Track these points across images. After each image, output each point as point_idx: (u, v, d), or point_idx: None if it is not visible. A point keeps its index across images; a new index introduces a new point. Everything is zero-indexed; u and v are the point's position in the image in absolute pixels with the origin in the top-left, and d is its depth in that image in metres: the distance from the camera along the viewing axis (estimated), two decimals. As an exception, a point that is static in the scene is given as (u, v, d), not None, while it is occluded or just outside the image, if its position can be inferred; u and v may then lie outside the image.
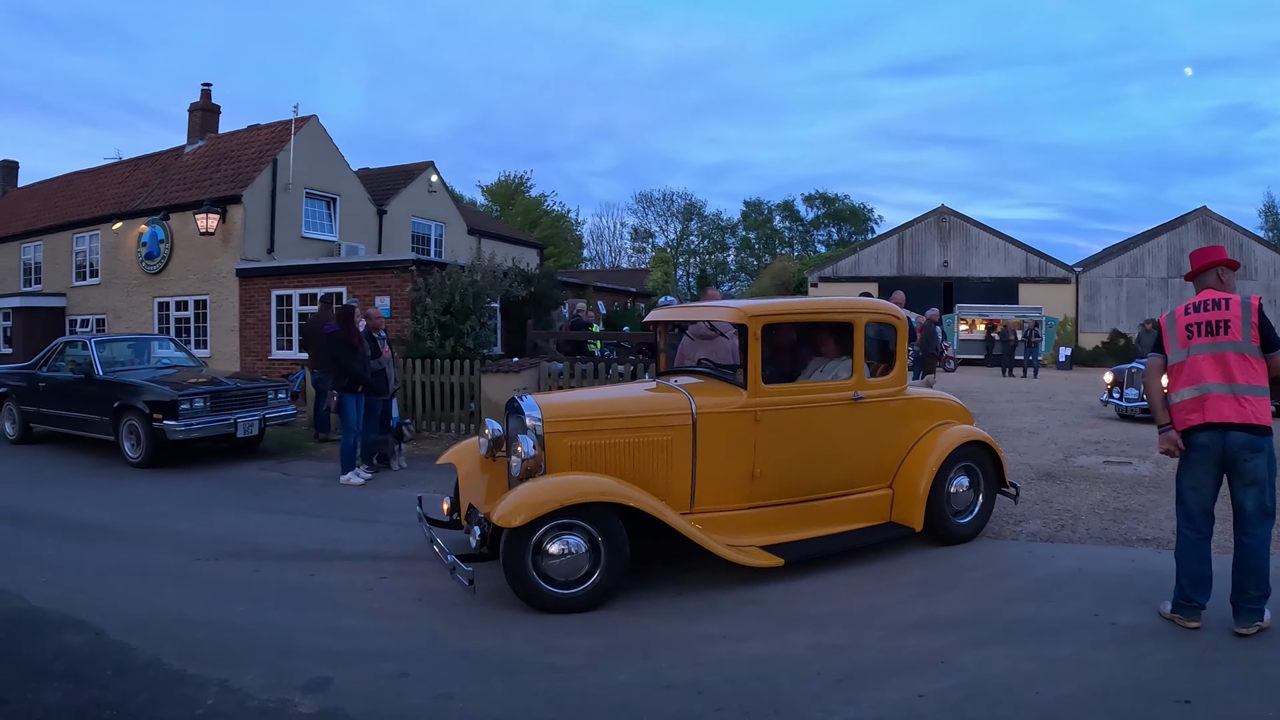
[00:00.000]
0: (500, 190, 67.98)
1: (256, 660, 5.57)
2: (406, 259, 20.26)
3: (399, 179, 31.16)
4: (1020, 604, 6.63)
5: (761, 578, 7.25)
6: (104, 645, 5.89)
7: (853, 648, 5.69)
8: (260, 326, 22.90)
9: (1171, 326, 6.25)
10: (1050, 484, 11.33)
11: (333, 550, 8.43)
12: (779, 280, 63.36)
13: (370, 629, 6.22)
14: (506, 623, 6.27)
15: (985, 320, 41.78)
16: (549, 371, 14.88)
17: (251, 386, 14.18)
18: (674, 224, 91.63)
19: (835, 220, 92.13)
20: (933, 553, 8.11)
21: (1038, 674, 5.25)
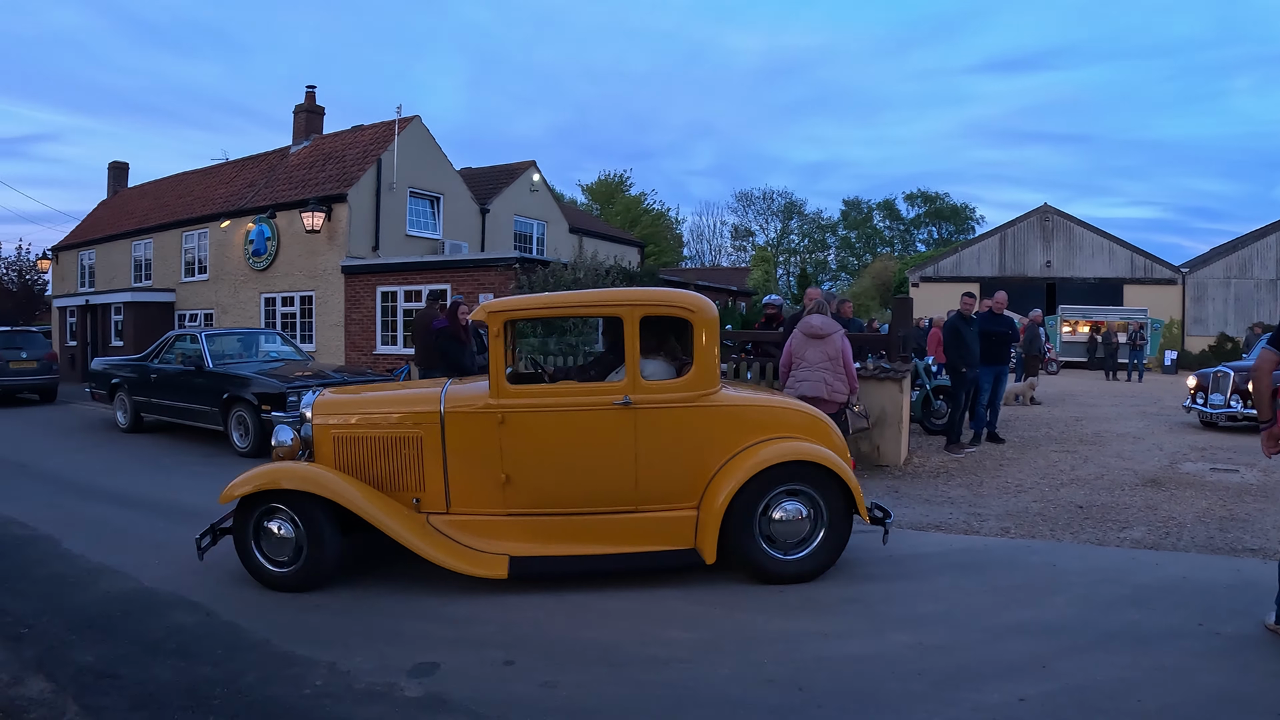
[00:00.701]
0: (600, 189, 68.38)
1: (364, 644, 5.74)
2: (510, 257, 20.55)
3: (501, 178, 31.52)
4: (1124, 611, 6.54)
5: (864, 578, 7.30)
6: (214, 625, 6.14)
7: (954, 649, 5.67)
8: (365, 322, 23.35)
9: None
10: (1155, 490, 11.14)
11: None
12: (880, 280, 62.99)
13: (475, 617, 6.36)
14: (610, 615, 6.37)
15: (1089, 322, 41.04)
16: (649, 369, 14.89)
17: (357, 380, 14.44)
18: (774, 223, 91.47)
19: (936, 219, 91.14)
20: (1037, 558, 8.05)
21: (1140, 682, 5.18)
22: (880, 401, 12.60)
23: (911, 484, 11.54)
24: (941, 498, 10.73)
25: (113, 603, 6.75)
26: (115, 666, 5.42)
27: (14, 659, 5.60)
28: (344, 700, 4.94)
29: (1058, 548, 8.47)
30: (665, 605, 6.58)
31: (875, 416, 12.46)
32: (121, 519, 9.71)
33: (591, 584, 6.99)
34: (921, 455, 13.61)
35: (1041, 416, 19.37)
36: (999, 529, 9.19)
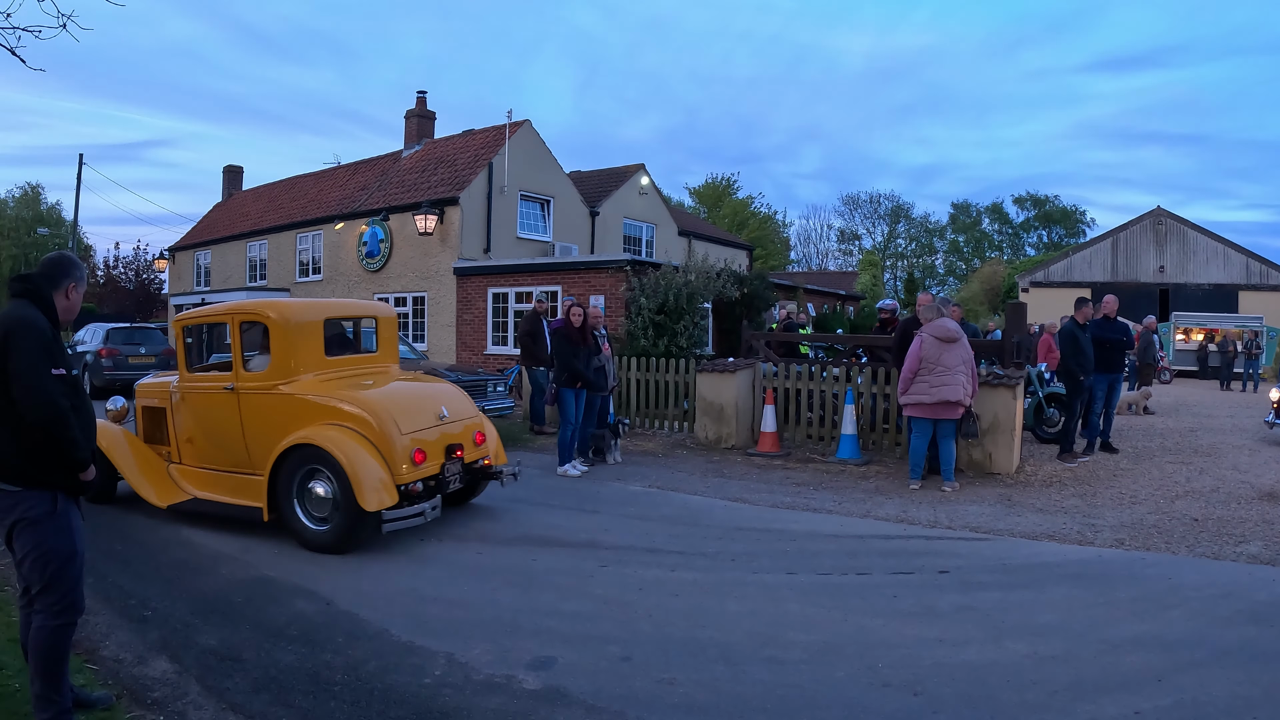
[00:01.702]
0: (707, 192, 68.55)
1: (482, 637, 5.93)
2: (621, 259, 20.70)
3: (610, 181, 31.79)
4: (1242, 627, 6.46)
5: (980, 586, 7.33)
6: (334, 614, 6.39)
7: (1070, 659, 5.66)
8: (476, 323, 23.72)
9: None
10: (1273, 505, 10.89)
11: (553, 537, 8.84)
12: (989, 285, 62.17)
13: (593, 613, 6.51)
14: (729, 616, 6.46)
15: (1203, 330, 39.99)
16: (764, 372, 14.98)
17: (471, 379, 14.73)
18: (881, 226, 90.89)
19: (1045, 223, 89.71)
20: (1154, 570, 7.98)
21: (1257, 699, 5.12)
22: (993, 408, 12.51)
23: (1024, 493, 11.45)
24: (1055, 507, 10.64)
25: (234, 589, 7.07)
26: (238, 650, 5.70)
27: (138, 640, 5.92)
28: (464, 690, 5.11)
29: (1173, 561, 8.37)
30: (784, 608, 6.66)
31: (988, 423, 12.43)
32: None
33: (709, 587, 7.13)
34: (1034, 464, 13.46)
35: (1155, 426, 19.01)
36: (1114, 540, 9.10)
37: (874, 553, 8.39)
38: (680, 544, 8.58)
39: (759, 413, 14.68)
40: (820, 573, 7.58)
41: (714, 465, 13.19)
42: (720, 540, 8.79)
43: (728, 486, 11.61)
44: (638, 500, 10.80)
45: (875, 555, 8.28)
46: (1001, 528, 9.52)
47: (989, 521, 9.80)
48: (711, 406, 14.90)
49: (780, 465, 13.24)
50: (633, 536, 8.88)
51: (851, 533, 9.22)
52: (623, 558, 8.07)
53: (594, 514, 9.97)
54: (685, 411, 15.99)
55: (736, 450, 14.45)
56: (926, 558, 8.14)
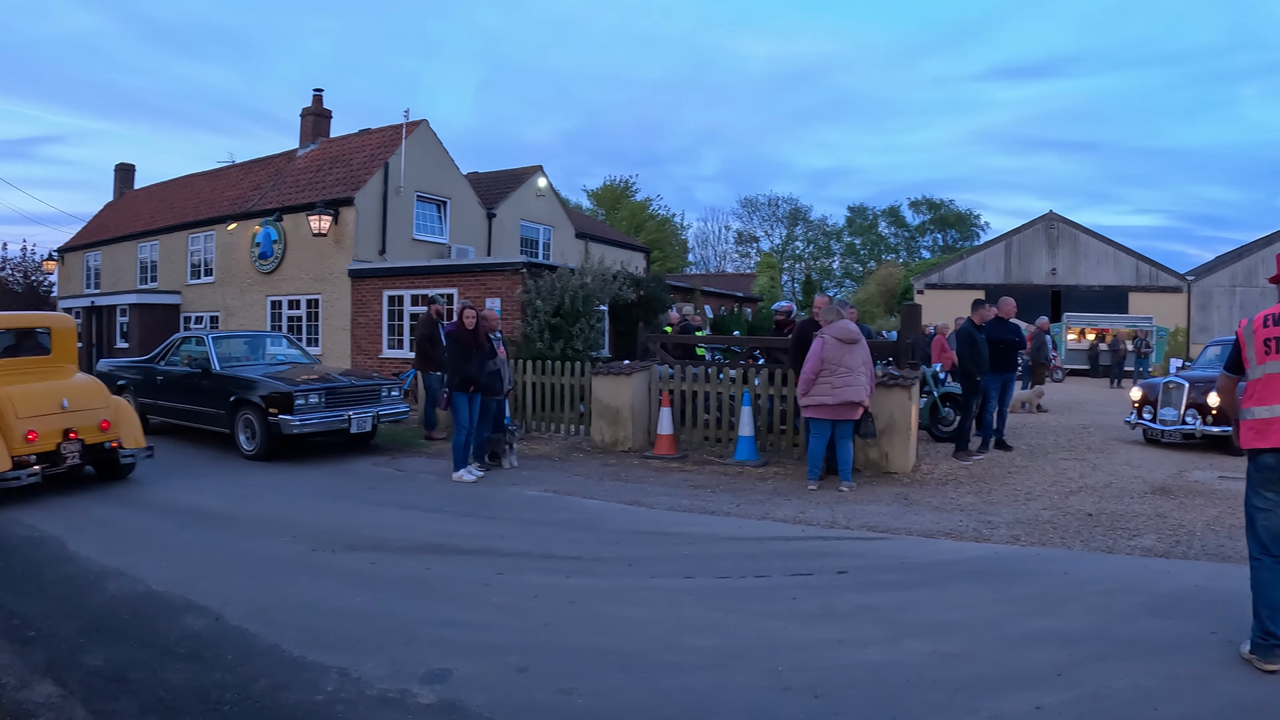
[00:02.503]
0: (606, 194, 68.50)
1: (376, 650, 5.71)
2: (517, 261, 20.58)
3: (508, 183, 31.57)
4: (1140, 619, 6.51)
5: (880, 585, 7.30)
6: (225, 630, 6.12)
7: (972, 657, 5.63)
8: (371, 326, 23.39)
9: (1250, 340, 5.75)
10: (1164, 498, 11.12)
11: (449, 544, 8.62)
12: (885, 287, 63.06)
13: (489, 622, 6.32)
14: (628, 622, 6.34)
15: (1094, 330, 41.01)
16: (660, 374, 14.89)
17: (365, 384, 14.45)
18: (779, 229, 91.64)
19: (941, 226, 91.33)
20: (1051, 566, 8.04)
21: (1158, 691, 5.15)
22: (889, 408, 12.56)
23: (921, 491, 11.51)
24: (952, 505, 10.69)
25: (121, 606, 6.74)
26: (125, 671, 5.41)
27: (21, 662, 5.59)
28: (357, 706, 4.90)
29: (1070, 556, 8.44)
30: (683, 613, 6.54)
31: (885, 424, 12.46)
32: (128, 521, 9.76)
33: (607, 593, 7.02)
34: (930, 462, 13.58)
35: (1048, 424, 19.35)
36: (1010, 537, 9.16)
37: (773, 554, 8.32)
38: (578, 549, 8.43)
39: (655, 415, 14.60)
40: (719, 576, 7.47)
41: (611, 469, 13.05)
42: (618, 545, 8.66)
43: (625, 490, 11.48)
44: (534, 505, 10.62)
45: (774, 557, 8.21)
46: (899, 527, 9.53)
47: (887, 521, 9.80)
48: (608, 409, 14.79)
49: (677, 468, 13.13)
50: (529, 542, 8.70)
51: (750, 535, 9.15)
52: (520, 564, 7.89)
53: (490, 520, 9.77)
54: (581, 414, 15.87)
55: (633, 453, 14.33)
56: (826, 558, 8.08)
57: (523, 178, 32.05)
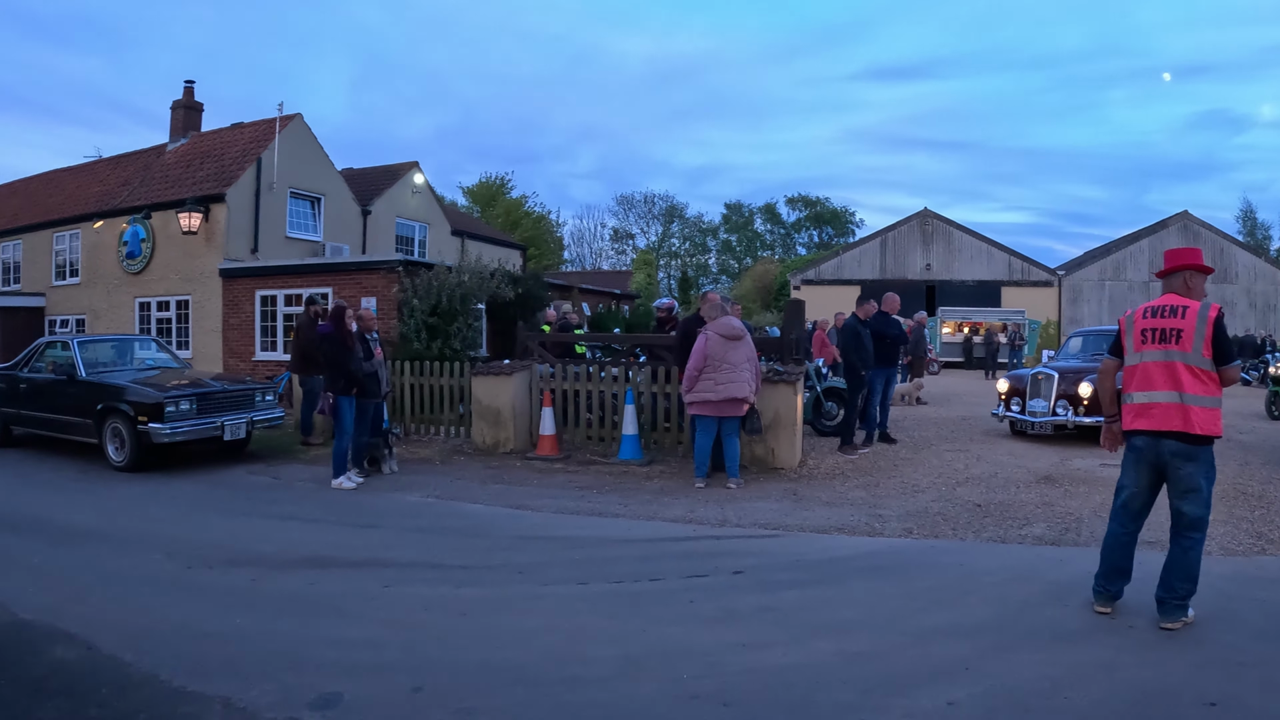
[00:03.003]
0: (481, 191, 67.82)
1: (261, 675, 5.31)
2: (393, 259, 20.18)
3: (383, 179, 31.02)
4: (1040, 609, 6.55)
5: (778, 585, 7.19)
6: (98, 661, 5.62)
7: (878, 655, 5.56)
8: (244, 327, 22.73)
9: (1130, 329, 6.36)
10: (1050, 487, 11.30)
11: (332, 557, 8.23)
12: (761, 283, 63.60)
13: (379, 639, 5.98)
14: (524, 633, 6.07)
15: (968, 323, 41.92)
16: (541, 374, 14.65)
17: (238, 388, 13.96)
18: (655, 226, 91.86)
19: (817, 223, 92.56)
20: (946, 558, 8.07)
21: (1065, 679, 5.17)
22: (774, 404, 12.52)
23: (809, 486, 11.49)
24: (841, 500, 10.69)
25: (-15, 639, 6.27)
26: (-9, 714, 5.00)
27: None
28: (245, 739, 4.60)
29: (963, 547, 8.50)
30: (579, 621, 6.32)
31: (770, 419, 12.39)
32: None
33: (500, 603, 6.76)
34: (816, 457, 13.58)
35: (929, 416, 19.60)
36: (902, 530, 9.18)
37: (666, 556, 8.17)
38: (466, 557, 8.17)
39: (537, 415, 14.35)
40: (613, 581, 7.30)
41: (494, 471, 12.76)
42: (507, 551, 8.40)
43: (510, 493, 11.22)
44: (418, 512, 10.30)
45: (668, 559, 8.06)
46: (791, 523, 9.47)
47: (778, 517, 9.73)
48: (488, 410, 14.48)
49: (561, 469, 12.92)
50: (416, 552, 8.40)
51: (641, 536, 8.98)
52: (407, 576, 7.58)
53: (373, 529, 9.44)
54: (462, 416, 15.55)
55: (516, 454, 14.03)
56: (720, 558, 7.95)
57: (398, 174, 31.50)
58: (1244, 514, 9.83)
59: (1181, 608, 6.03)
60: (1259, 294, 45.56)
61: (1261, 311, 44.69)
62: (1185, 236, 44.71)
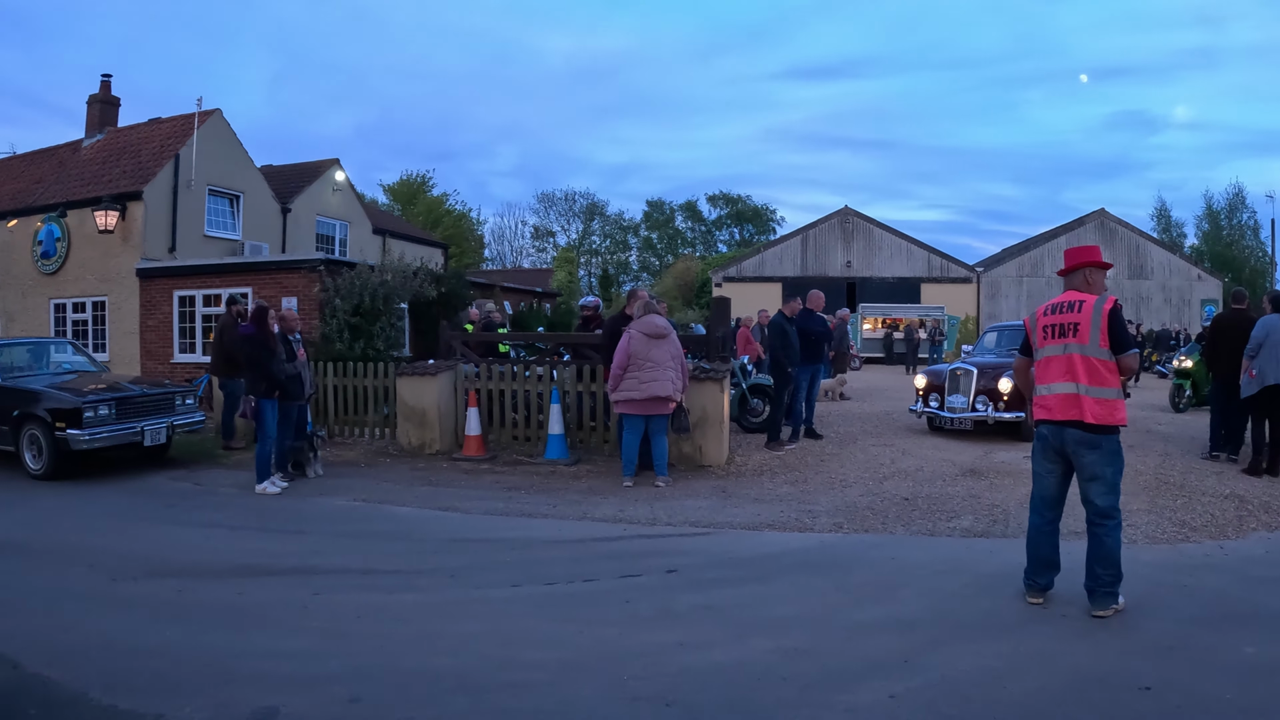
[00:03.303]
0: (402, 189, 67.29)
1: (194, 690, 5.11)
2: (314, 259, 19.93)
3: (303, 177, 30.54)
4: (974, 600, 6.65)
5: (713, 583, 7.19)
6: (24, 680, 5.37)
7: (817, 651, 5.57)
8: (162, 329, 22.27)
9: (1034, 327, 6.66)
10: (975, 480, 11.47)
11: (261, 565, 8.03)
12: (682, 280, 63.66)
13: (314, 650, 5.81)
14: (463, 639, 5.96)
15: (888, 319, 42.47)
16: (466, 373, 14.53)
17: (158, 392, 13.66)
18: (576, 224, 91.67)
19: (738, 221, 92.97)
20: (877, 552, 8.15)
21: (1004, 669, 5.25)
22: (701, 402, 12.56)
23: (738, 483, 11.54)
24: (770, 496, 10.74)
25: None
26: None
27: None
28: (179, 757, 4.47)
29: (893, 541, 8.60)
30: (517, 625, 6.24)
31: (697, 417, 12.41)
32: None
33: (435, 609, 6.67)
34: (743, 454, 13.61)
35: (853, 411, 19.77)
36: (832, 525, 9.25)
37: (598, 556, 8.15)
38: (397, 562, 8.05)
39: (462, 416, 14.23)
40: (547, 583, 7.23)
41: (420, 473, 12.63)
42: (438, 555, 8.32)
43: (438, 495, 11.10)
44: (346, 516, 10.14)
45: (600, 559, 8.04)
46: (721, 520, 9.49)
47: (708, 515, 9.75)
48: (414, 411, 14.33)
49: (488, 469, 12.83)
50: (346, 558, 8.23)
51: (572, 537, 8.94)
52: (338, 583, 7.43)
53: (301, 535, 9.25)
54: (386, 417, 15.37)
55: (442, 455, 13.91)
56: (652, 558, 7.94)
57: (319, 171, 31.04)
58: (1167, 503, 10.09)
59: (1111, 595, 6.20)
60: (1174, 289, 47.05)
61: (1176, 306, 46.16)
62: (1102, 234, 46.11)
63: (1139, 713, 4.73)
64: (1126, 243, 47.39)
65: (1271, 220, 68.70)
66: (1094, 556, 6.26)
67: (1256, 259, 63.44)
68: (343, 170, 31.80)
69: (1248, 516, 9.59)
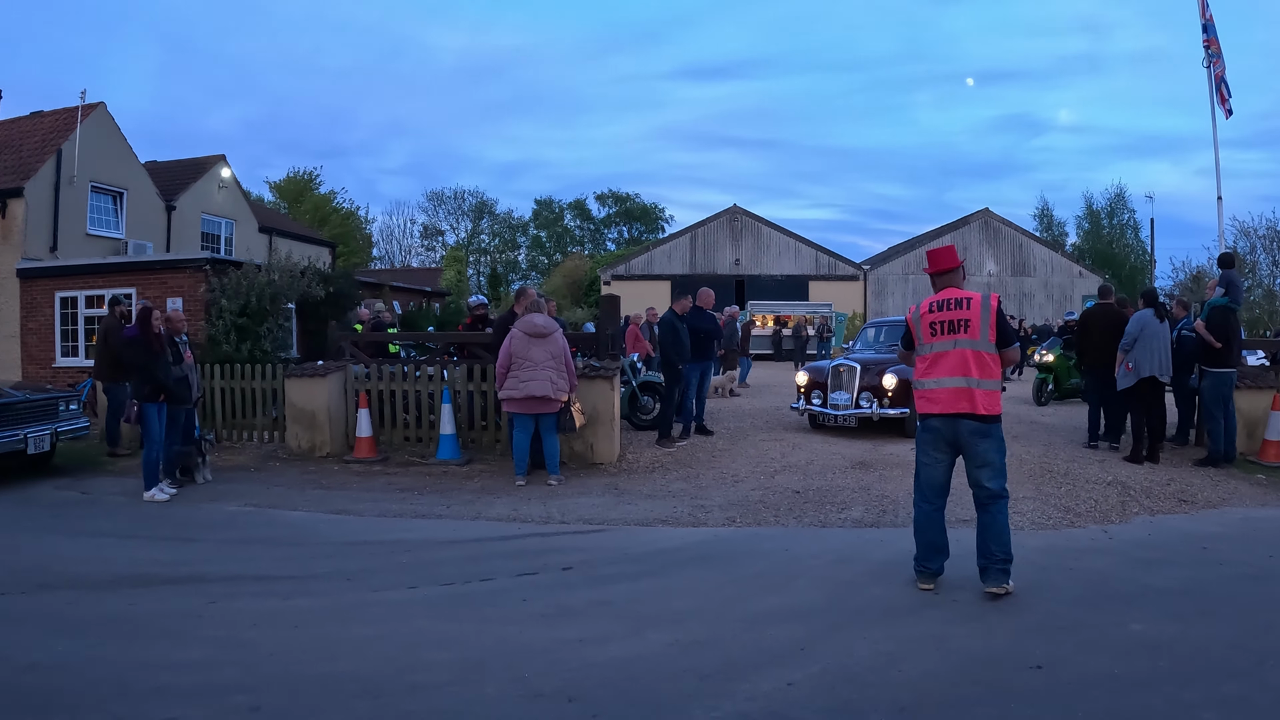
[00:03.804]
0: (289, 187, 66.31)
1: (91, 707, 4.94)
2: (200, 258, 19.59)
3: (188, 173, 29.92)
4: (866, 588, 6.83)
5: (608, 579, 7.25)
6: None
7: (714, 642, 5.65)
8: (43, 332, 21.67)
9: (918, 323, 6.84)
10: (864, 472, 11.72)
11: (153, 574, 7.80)
12: (571, 279, 63.61)
13: (211, 660, 5.63)
14: (361, 642, 5.86)
15: (775, 316, 43.03)
16: (356, 374, 14.37)
17: (41, 398, 13.28)
18: (465, 222, 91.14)
19: (627, 219, 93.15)
20: (770, 544, 8.28)
21: (898, 653, 5.40)
22: (592, 400, 12.62)
23: (630, 480, 11.62)
24: (663, 492, 10.84)
25: None
26: None
27: None
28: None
29: (786, 533, 8.76)
30: (415, 626, 6.18)
31: (588, 414, 12.44)
32: None
33: (332, 613, 6.54)
34: (634, 451, 13.69)
35: (743, 407, 19.96)
36: (725, 519, 9.38)
37: (495, 555, 8.13)
38: (291, 567, 7.94)
39: (353, 418, 14.07)
40: (444, 583, 7.21)
41: (311, 476, 12.45)
42: (332, 559, 8.20)
43: (330, 498, 10.98)
44: (237, 522, 9.94)
45: (496, 558, 8.01)
46: (615, 517, 9.57)
47: (601, 512, 9.82)
48: (303, 413, 14.12)
49: (380, 471, 12.74)
50: (239, 564, 8.06)
51: (467, 537, 8.91)
52: (233, 590, 7.24)
53: (193, 542, 9.01)
54: (275, 420, 15.15)
55: (333, 458, 13.74)
56: (548, 555, 7.97)
57: (205, 167, 30.41)
58: (1052, 490, 10.51)
59: (1004, 573, 6.48)
60: (1055, 286, 48.65)
61: (1058, 302, 47.67)
62: (986, 232, 48.03)
63: (1031, 691, 4.92)
64: (1010, 241, 48.88)
65: (1151, 220, 71.51)
66: (985, 533, 6.54)
67: (1136, 256, 65.74)
68: (229, 167, 31.27)
69: (1130, 502, 10.06)
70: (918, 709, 4.70)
